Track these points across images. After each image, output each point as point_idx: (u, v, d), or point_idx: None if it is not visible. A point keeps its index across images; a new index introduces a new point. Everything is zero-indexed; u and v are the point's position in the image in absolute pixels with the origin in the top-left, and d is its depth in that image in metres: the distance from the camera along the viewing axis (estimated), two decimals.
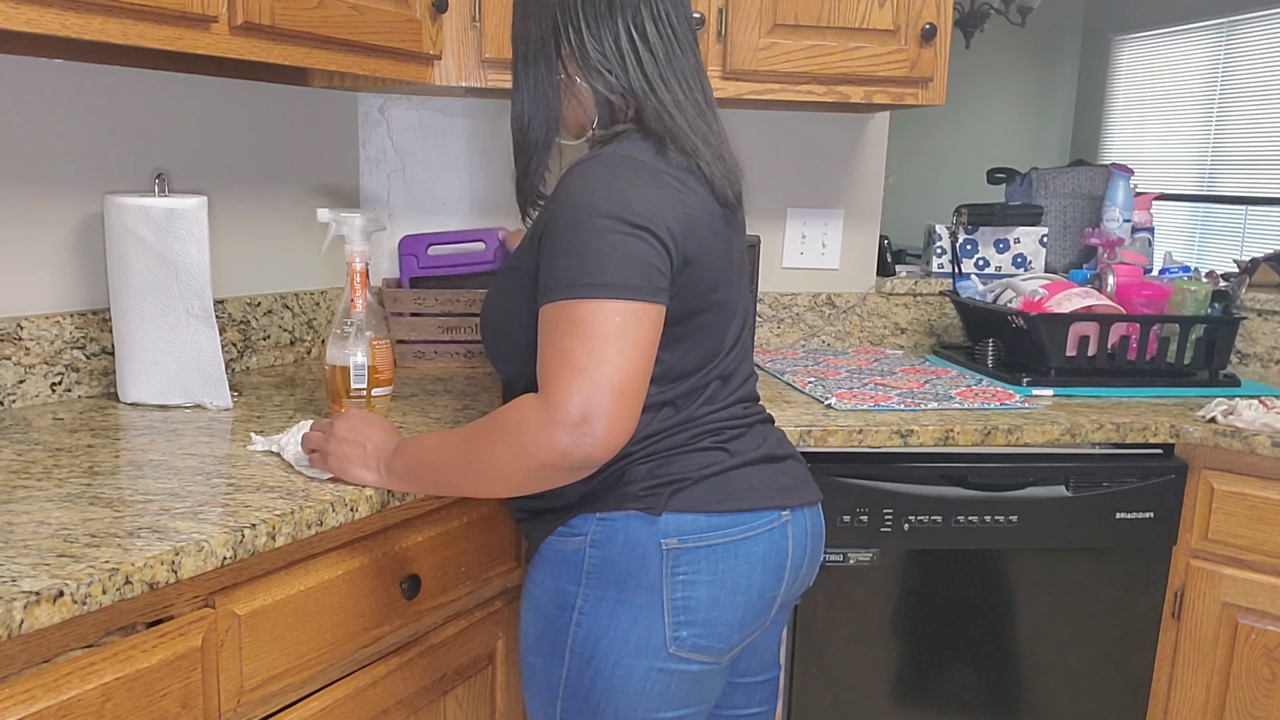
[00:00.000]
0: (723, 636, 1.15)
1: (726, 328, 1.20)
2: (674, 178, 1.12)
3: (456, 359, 1.92)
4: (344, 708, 1.19)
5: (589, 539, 1.13)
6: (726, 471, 1.16)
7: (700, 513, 1.13)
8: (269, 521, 1.05)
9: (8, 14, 1.07)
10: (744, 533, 1.14)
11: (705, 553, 1.13)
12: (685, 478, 1.13)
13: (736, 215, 1.24)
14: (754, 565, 1.15)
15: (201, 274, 1.47)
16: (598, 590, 1.13)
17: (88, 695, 0.91)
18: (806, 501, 1.22)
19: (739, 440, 1.19)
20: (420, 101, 2.02)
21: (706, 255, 1.13)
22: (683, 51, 1.18)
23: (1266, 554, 1.64)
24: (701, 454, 1.15)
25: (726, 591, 1.13)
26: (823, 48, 1.75)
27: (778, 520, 1.17)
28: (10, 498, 1.09)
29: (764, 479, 1.19)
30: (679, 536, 1.12)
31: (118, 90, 1.56)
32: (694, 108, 1.17)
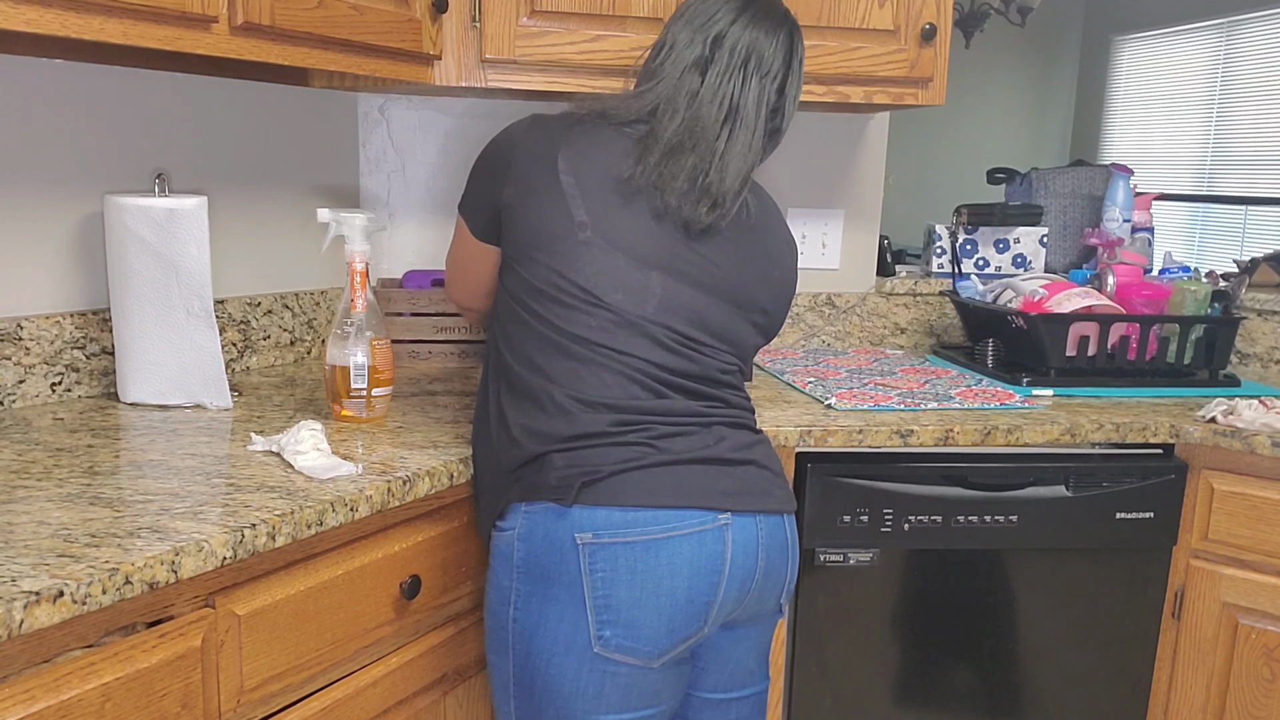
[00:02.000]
0: (648, 640, 1.13)
1: (625, 317, 1.18)
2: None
3: (452, 358, 1.92)
4: (344, 708, 1.19)
5: (516, 532, 1.16)
6: (648, 467, 1.13)
7: (613, 506, 1.11)
8: (269, 521, 1.05)
9: (8, 14, 1.07)
10: (664, 531, 1.11)
11: (622, 550, 1.11)
12: (598, 469, 1.12)
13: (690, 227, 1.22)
14: (678, 566, 1.12)
15: (201, 274, 1.47)
16: (528, 585, 1.15)
17: (87, 695, 0.91)
18: (760, 508, 1.17)
19: (677, 439, 1.16)
20: (420, 101, 2.02)
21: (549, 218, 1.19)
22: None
23: (1266, 554, 1.64)
24: (622, 448, 1.14)
25: (648, 593, 1.11)
26: (823, 48, 1.75)
27: (711, 522, 1.13)
28: (10, 498, 1.09)
29: (698, 479, 1.15)
30: (593, 531, 1.11)
31: (118, 90, 1.56)
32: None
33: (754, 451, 1.22)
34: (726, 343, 1.25)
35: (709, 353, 1.22)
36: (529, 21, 1.65)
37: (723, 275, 1.24)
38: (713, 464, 1.17)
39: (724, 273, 1.24)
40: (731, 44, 1.23)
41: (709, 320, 1.23)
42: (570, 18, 1.66)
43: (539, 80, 1.68)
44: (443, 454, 1.31)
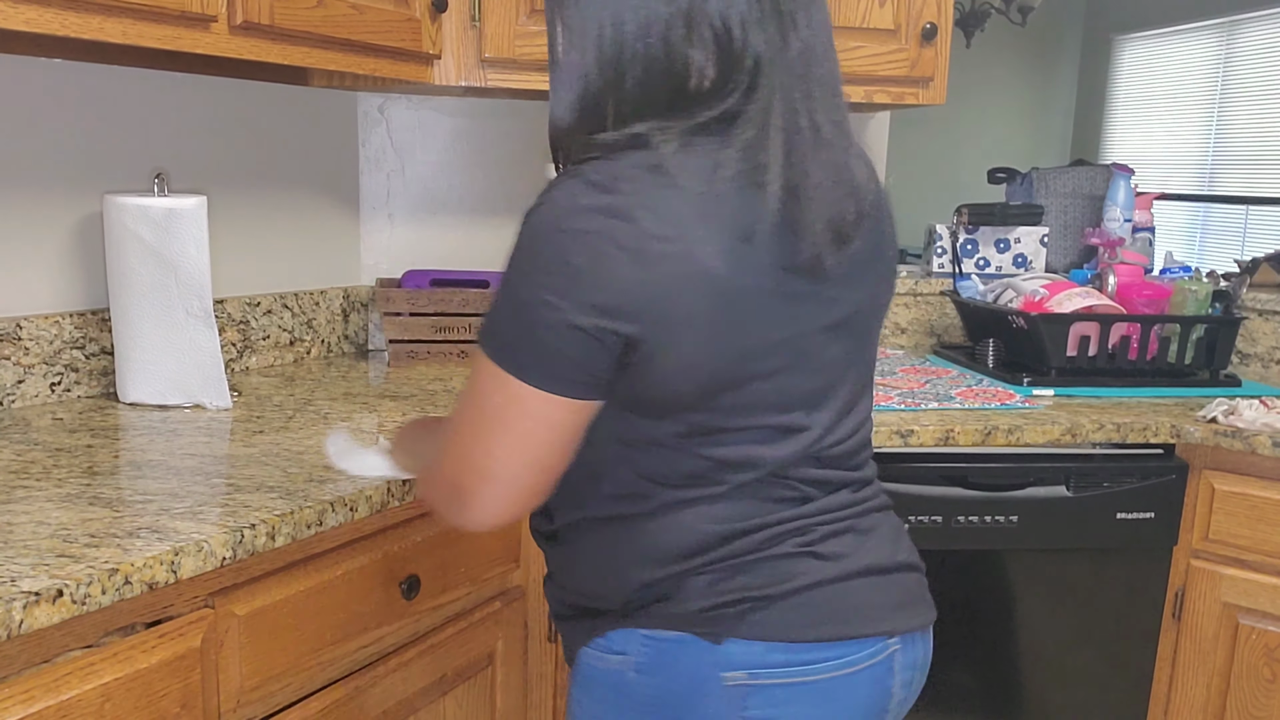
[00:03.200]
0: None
1: (787, 403, 0.89)
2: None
3: (451, 359, 1.92)
4: (344, 708, 1.19)
5: (633, 661, 0.91)
6: (819, 585, 0.89)
7: (779, 641, 0.88)
8: (268, 521, 1.05)
9: (8, 14, 1.07)
10: (842, 668, 0.89)
11: (783, 692, 0.88)
12: (761, 595, 0.88)
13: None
14: (855, 704, 0.90)
15: (201, 274, 1.47)
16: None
17: (87, 695, 0.91)
18: (919, 625, 0.95)
19: (837, 540, 0.91)
20: (420, 101, 2.02)
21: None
22: None
23: (1267, 554, 1.64)
24: (782, 561, 0.89)
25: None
26: None
27: (884, 651, 0.91)
28: (10, 498, 1.09)
29: (870, 594, 0.91)
30: (748, 670, 0.87)
31: (117, 90, 1.56)
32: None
33: (901, 544, 0.97)
34: (864, 397, 0.98)
35: (843, 420, 0.95)
36: (529, 21, 1.65)
37: (854, 305, 0.93)
38: (876, 571, 0.93)
39: (855, 301, 0.93)
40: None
41: (852, 376, 0.95)
42: None
43: (539, 80, 1.68)
44: None
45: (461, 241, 2.09)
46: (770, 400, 0.88)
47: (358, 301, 2.02)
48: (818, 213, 0.85)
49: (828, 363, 0.91)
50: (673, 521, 0.89)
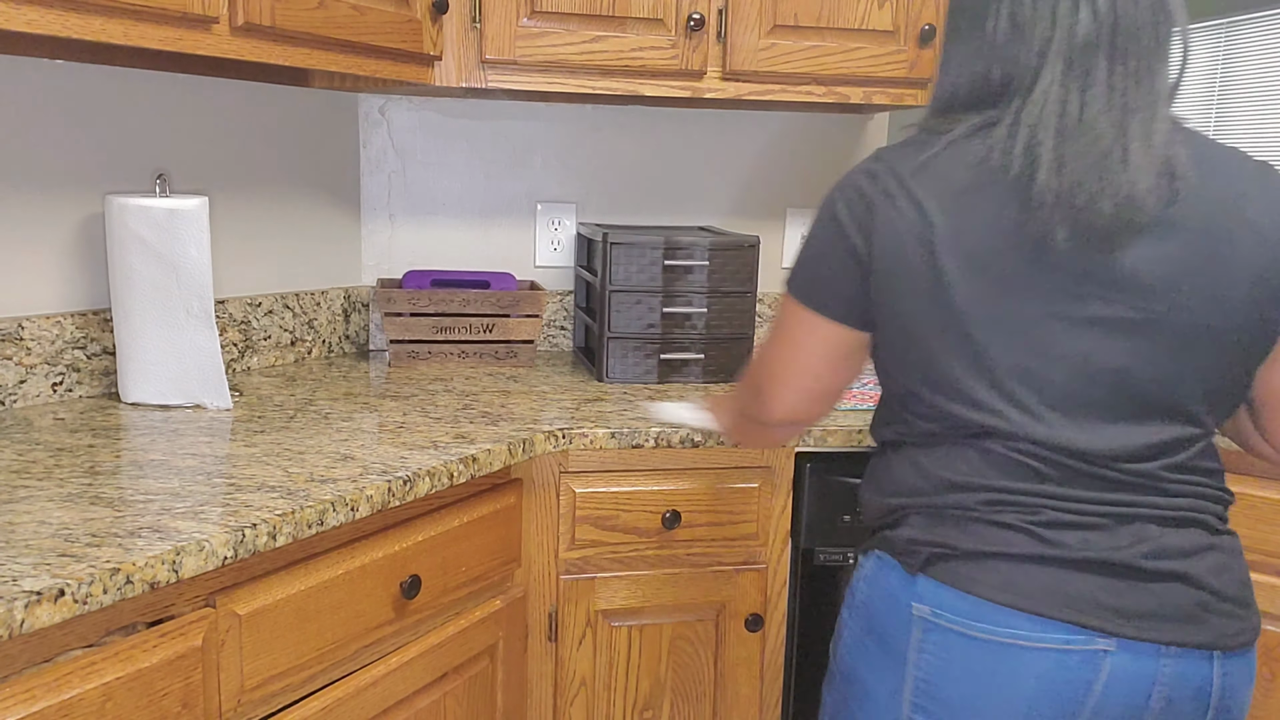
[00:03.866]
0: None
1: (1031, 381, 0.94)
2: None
3: (451, 359, 1.93)
4: (344, 708, 1.19)
5: (865, 573, 1.05)
6: (1020, 560, 0.94)
7: (960, 590, 0.95)
8: (269, 521, 1.05)
9: (8, 14, 1.07)
10: (1014, 638, 0.93)
11: (959, 641, 0.95)
12: (953, 547, 0.96)
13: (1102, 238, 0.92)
14: (1021, 683, 0.93)
15: (202, 274, 1.47)
16: (859, 628, 1.04)
17: (88, 695, 0.92)
18: (1171, 639, 0.93)
19: (1072, 531, 0.94)
20: (420, 102, 2.03)
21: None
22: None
23: (1266, 554, 1.64)
24: (991, 528, 0.95)
25: (977, 697, 0.94)
26: (822, 48, 1.75)
27: (1083, 644, 0.92)
28: (11, 497, 1.09)
29: (1084, 587, 0.93)
30: (934, 607, 0.96)
31: (118, 91, 1.57)
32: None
33: (1193, 562, 0.95)
34: (1170, 409, 0.96)
35: (1137, 430, 0.95)
36: (529, 22, 1.65)
37: (1158, 299, 0.93)
38: (1115, 572, 0.93)
39: (1160, 294, 0.93)
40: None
41: (1136, 382, 0.94)
42: (570, 18, 1.66)
43: (539, 81, 1.68)
44: (443, 454, 1.31)
45: (462, 242, 2.10)
46: (986, 375, 0.95)
47: (359, 302, 2.02)
48: (1056, 194, 0.90)
49: (1073, 356, 0.93)
50: (914, 461, 1.02)
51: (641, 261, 1.78)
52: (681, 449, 1.52)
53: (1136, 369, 0.94)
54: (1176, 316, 0.93)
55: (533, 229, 2.12)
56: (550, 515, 1.50)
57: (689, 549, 1.55)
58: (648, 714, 1.59)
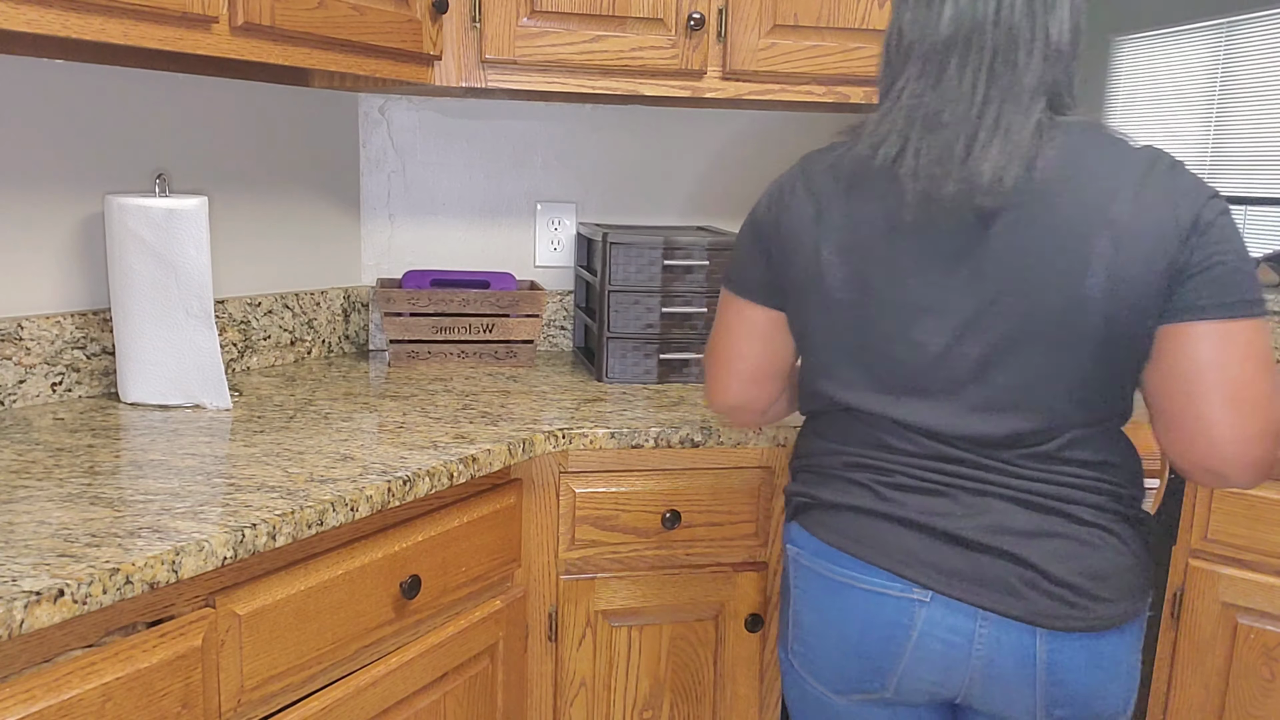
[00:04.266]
0: (824, 672, 1.10)
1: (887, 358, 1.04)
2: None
3: (451, 359, 1.93)
4: (344, 708, 1.19)
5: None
6: (855, 512, 1.07)
7: (813, 535, 1.11)
8: (269, 521, 1.05)
9: (8, 14, 1.07)
10: (844, 578, 1.07)
11: (812, 577, 1.11)
12: (814, 498, 1.12)
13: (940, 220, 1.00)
14: (851, 618, 1.06)
15: (201, 274, 1.47)
16: (783, 572, 1.22)
17: (88, 695, 0.92)
18: (988, 605, 1.01)
19: (916, 496, 1.04)
20: (420, 102, 2.03)
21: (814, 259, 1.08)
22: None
23: (1265, 554, 1.64)
24: (845, 484, 1.09)
25: (826, 627, 1.09)
26: (822, 48, 1.75)
27: (898, 591, 1.03)
28: (11, 497, 1.09)
29: (907, 542, 1.03)
30: (798, 548, 1.13)
31: (118, 90, 1.57)
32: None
33: (1032, 543, 1.01)
34: (1026, 400, 1.00)
35: (994, 417, 1.02)
36: (529, 22, 1.65)
37: (1009, 289, 0.98)
38: (939, 537, 1.03)
39: (1011, 284, 0.98)
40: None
41: (990, 370, 1.01)
42: (570, 18, 1.66)
43: (539, 80, 1.68)
44: (443, 454, 1.31)
45: (462, 242, 2.09)
46: (852, 356, 1.08)
47: (358, 302, 2.02)
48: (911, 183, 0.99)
49: (929, 341, 1.02)
50: (810, 427, 1.17)
51: (641, 261, 1.78)
52: (681, 449, 1.52)
53: (992, 357, 1.00)
54: (1027, 306, 0.97)
55: (533, 229, 2.12)
56: (550, 515, 1.50)
57: (689, 549, 1.55)
58: (648, 714, 1.59)
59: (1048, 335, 0.97)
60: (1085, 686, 1.03)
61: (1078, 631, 1.01)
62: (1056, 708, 1.03)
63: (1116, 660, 1.03)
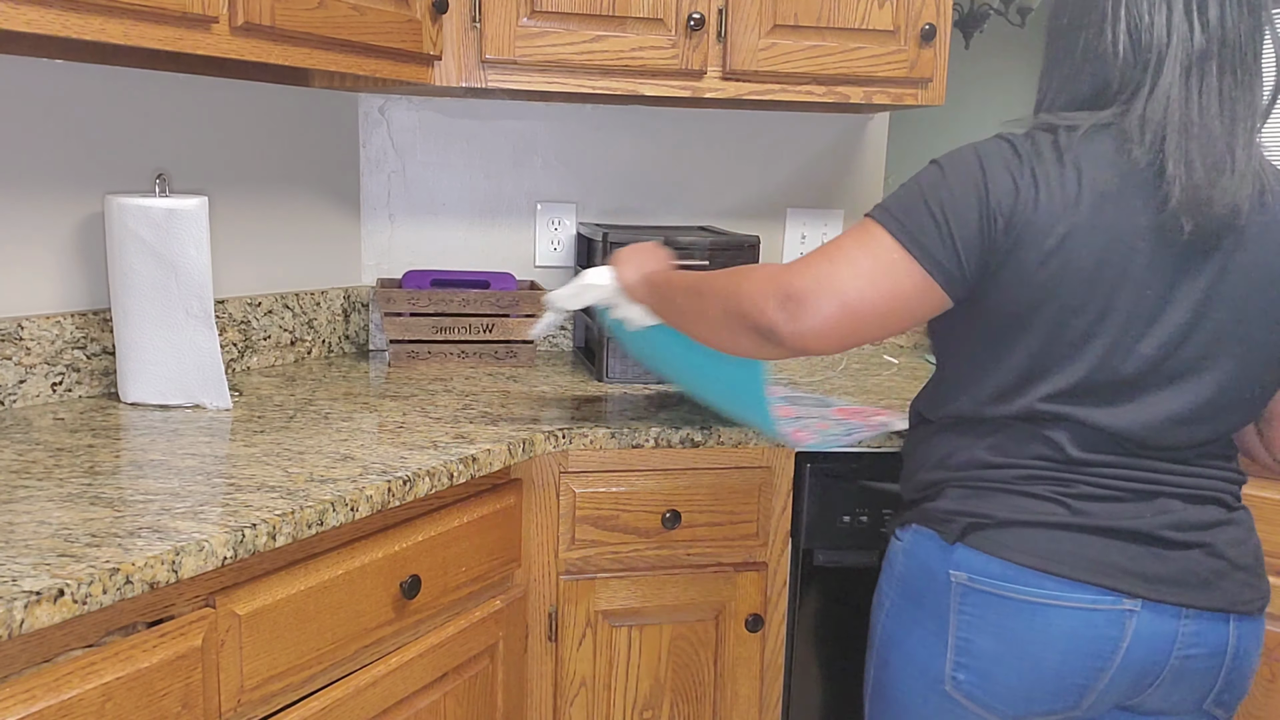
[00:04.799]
0: (1004, 699, 1.05)
1: (1098, 360, 1.01)
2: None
3: (451, 359, 1.93)
4: (344, 708, 1.19)
5: (904, 546, 1.13)
6: (1046, 527, 1.03)
7: (994, 556, 1.03)
8: (269, 521, 1.05)
9: (8, 14, 1.07)
10: (1045, 599, 1.02)
11: (994, 601, 1.04)
12: (988, 517, 1.05)
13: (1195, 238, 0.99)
14: (1052, 639, 1.02)
15: (201, 274, 1.47)
16: (901, 598, 1.12)
17: (88, 695, 0.92)
18: (1190, 602, 1.02)
19: (1101, 503, 1.03)
20: (420, 102, 2.03)
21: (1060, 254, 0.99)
22: None
23: (1265, 554, 1.64)
24: (1024, 498, 1.04)
25: (1013, 653, 1.03)
26: (822, 48, 1.75)
27: (1109, 604, 1.01)
28: (11, 497, 1.09)
29: (1110, 554, 1.02)
30: (970, 573, 1.05)
31: (118, 90, 1.57)
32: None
33: (1212, 534, 1.04)
34: (1220, 417, 1.05)
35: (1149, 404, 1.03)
36: (529, 22, 1.65)
37: (1223, 307, 1.01)
38: (1140, 540, 1.02)
39: (1226, 300, 1.01)
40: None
41: (1200, 387, 1.03)
42: (570, 18, 1.66)
43: (539, 80, 1.68)
44: (443, 454, 1.31)
45: (462, 242, 2.09)
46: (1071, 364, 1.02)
47: (358, 302, 2.02)
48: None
49: (1147, 351, 1.00)
50: (953, 437, 1.10)
51: None
52: (682, 449, 1.52)
53: (1196, 369, 1.01)
54: (1239, 327, 1.01)
55: (533, 229, 2.12)
56: (550, 515, 1.50)
57: (689, 549, 1.55)
58: (648, 714, 1.59)
59: (1251, 356, 1.02)
60: (1251, 665, 1.08)
61: (1256, 614, 1.06)
62: (1226, 692, 1.07)
63: (1263, 636, 1.10)
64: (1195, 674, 1.04)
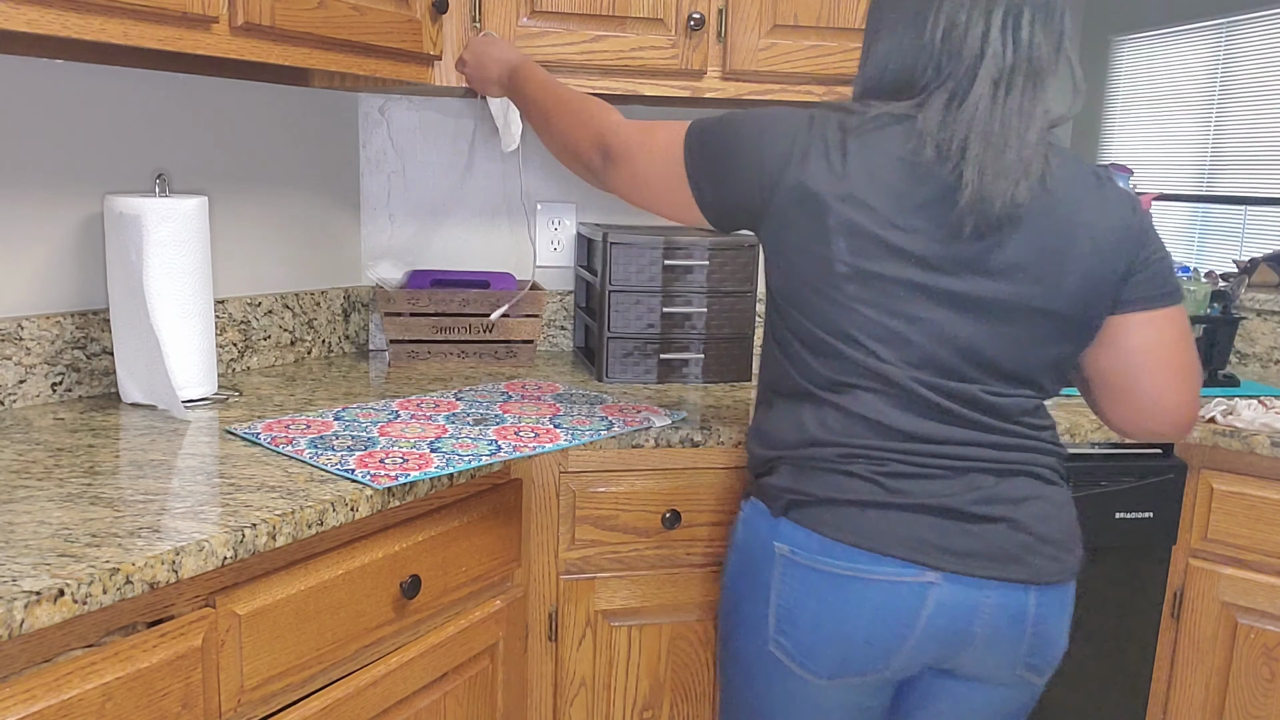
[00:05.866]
0: (819, 661, 1.12)
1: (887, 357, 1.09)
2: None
3: (451, 358, 1.93)
4: (344, 708, 1.19)
5: (742, 517, 1.21)
6: (861, 505, 1.10)
7: (813, 531, 1.11)
8: (269, 521, 1.05)
9: (8, 14, 1.07)
10: (854, 571, 1.09)
11: (811, 574, 1.11)
12: (810, 495, 1.12)
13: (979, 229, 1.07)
14: (861, 610, 1.09)
15: (201, 275, 1.47)
16: (738, 565, 1.20)
17: (88, 695, 0.92)
18: (992, 574, 1.08)
19: (914, 480, 1.10)
20: (420, 102, 2.03)
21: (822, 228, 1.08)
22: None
23: (1265, 553, 1.64)
24: (843, 477, 1.11)
25: (826, 621, 1.11)
26: (822, 48, 1.75)
27: (912, 576, 1.08)
28: (11, 497, 1.09)
29: (916, 529, 1.08)
30: (791, 546, 1.13)
31: (118, 90, 1.56)
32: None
33: (1020, 508, 1.11)
34: (1013, 376, 1.12)
35: (984, 392, 1.11)
36: (529, 22, 1.65)
37: (1008, 282, 1.08)
38: (949, 515, 1.09)
39: (1010, 278, 1.08)
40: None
41: (988, 356, 1.10)
42: (570, 18, 1.66)
43: None
44: None
45: (462, 242, 2.09)
46: (852, 335, 1.10)
47: (358, 302, 2.02)
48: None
49: (931, 324, 1.08)
50: (787, 416, 1.16)
51: (641, 261, 1.78)
52: (681, 449, 1.52)
53: (984, 342, 1.09)
54: (1022, 299, 1.08)
55: (533, 229, 2.12)
56: (550, 515, 1.50)
57: (689, 549, 1.55)
58: (648, 714, 1.59)
59: (1033, 323, 1.09)
60: (1056, 631, 1.14)
61: (1059, 584, 1.13)
62: (1033, 655, 1.13)
63: (1071, 603, 1.16)
64: (1003, 641, 1.11)
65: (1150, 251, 1.12)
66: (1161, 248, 1.13)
